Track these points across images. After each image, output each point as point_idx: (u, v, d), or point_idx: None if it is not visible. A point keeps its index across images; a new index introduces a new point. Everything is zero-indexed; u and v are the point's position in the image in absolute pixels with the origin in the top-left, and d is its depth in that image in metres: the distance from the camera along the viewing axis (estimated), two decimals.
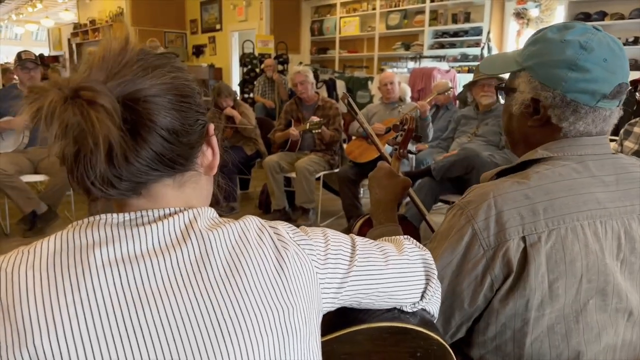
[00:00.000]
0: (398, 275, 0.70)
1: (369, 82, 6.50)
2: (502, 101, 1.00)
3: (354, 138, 3.78)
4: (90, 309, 0.49)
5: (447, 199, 3.07)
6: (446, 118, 4.05)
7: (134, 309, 0.50)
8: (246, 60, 7.76)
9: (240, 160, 4.05)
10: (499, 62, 0.99)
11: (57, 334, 0.47)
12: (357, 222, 1.28)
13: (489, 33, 6.10)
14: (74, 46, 11.46)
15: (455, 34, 6.69)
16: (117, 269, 0.51)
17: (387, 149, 1.68)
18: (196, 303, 0.51)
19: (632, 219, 0.82)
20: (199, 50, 9.62)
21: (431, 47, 6.89)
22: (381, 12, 7.43)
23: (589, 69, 0.80)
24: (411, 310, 0.74)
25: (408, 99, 3.93)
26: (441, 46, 6.82)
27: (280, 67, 7.19)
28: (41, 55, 8.78)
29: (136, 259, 0.52)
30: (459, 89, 5.57)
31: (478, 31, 6.29)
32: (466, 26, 6.51)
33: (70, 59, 11.54)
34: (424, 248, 0.77)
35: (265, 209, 4.01)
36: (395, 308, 0.74)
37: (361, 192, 3.83)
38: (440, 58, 6.73)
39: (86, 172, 0.50)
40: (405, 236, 0.80)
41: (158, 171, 0.54)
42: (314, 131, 3.57)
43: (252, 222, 0.60)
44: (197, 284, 0.52)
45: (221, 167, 0.64)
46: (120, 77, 0.51)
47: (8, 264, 0.52)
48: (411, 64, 6.81)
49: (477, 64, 5.96)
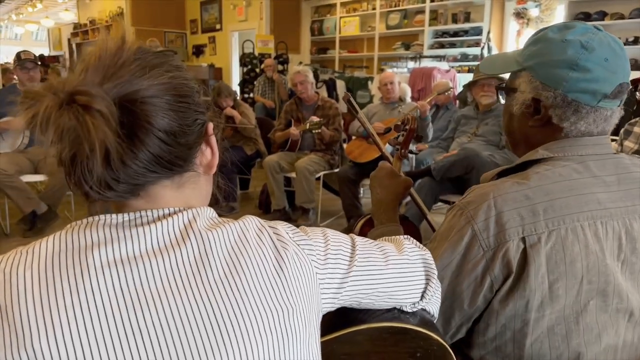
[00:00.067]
0: (398, 275, 0.70)
1: (369, 82, 6.51)
2: (502, 101, 0.99)
3: (354, 138, 3.78)
4: (89, 310, 0.49)
5: (447, 199, 3.07)
6: (446, 118, 4.05)
7: (133, 310, 0.50)
8: (246, 60, 7.76)
9: (240, 160, 4.05)
10: (499, 62, 0.99)
11: (55, 335, 0.47)
12: (358, 222, 1.27)
13: (489, 33, 6.10)
14: (74, 46, 11.46)
15: (455, 33, 6.69)
16: (116, 269, 0.51)
17: (387, 148, 1.68)
18: (195, 304, 0.51)
19: (634, 219, 0.82)
20: (199, 50, 9.62)
21: (431, 47, 6.89)
22: (381, 12, 7.43)
23: (590, 68, 0.80)
24: (411, 311, 0.74)
25: (408, 98, 3.93)
26: (441, 46, 6.82)
27: (280, 67, 7.18)
28: (41, 56, 8.80)
29: (135, 259, 0.52)
30: (459, 88, 5.57)
31: (478, 31, 6.29)
32: (466, 26, 6.52)
33: (70, 59, 11.52)
34: (424, 248, 0.77)
35: (265, 209, 4.01)
36: (395, 308, 0.74)
37: (361, 192, 3.83)
38: (440, 58, 6.74)
39: (83, 175, 0.50)
40: (406, 236, 0.80)
41: (156, 173, 0.53)
42: (314, 131, 3.56)
43: (251, 222, 0.59)
44: (196, 285, 0.52)
45: (221, 166, 0.64)
46: (117, 79, 0.50)
47: (6, 265, 0.51)
48: (411, 64, 6.81)
49: (477, 63, 5.96)
